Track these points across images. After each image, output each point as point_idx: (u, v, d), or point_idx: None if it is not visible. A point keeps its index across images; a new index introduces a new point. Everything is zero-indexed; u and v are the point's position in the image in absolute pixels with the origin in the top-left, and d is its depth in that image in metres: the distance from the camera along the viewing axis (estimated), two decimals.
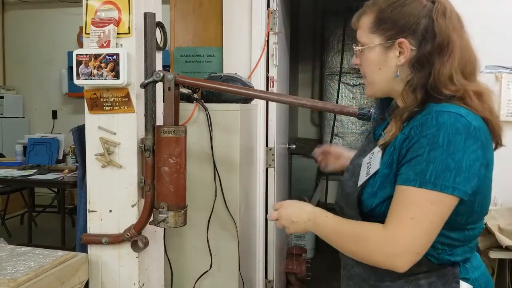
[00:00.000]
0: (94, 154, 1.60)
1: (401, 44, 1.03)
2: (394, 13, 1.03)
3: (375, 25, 1.07)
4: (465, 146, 0.94)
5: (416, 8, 1.02)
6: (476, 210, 1.02)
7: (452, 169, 0.93)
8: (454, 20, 1.03)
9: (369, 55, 1.09)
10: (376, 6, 1.08)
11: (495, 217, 2.29)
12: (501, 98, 2.55)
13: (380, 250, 0.97)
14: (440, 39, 1.00)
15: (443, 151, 0.93)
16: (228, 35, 2.76)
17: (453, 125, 0.94)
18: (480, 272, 1.08)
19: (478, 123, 0.98)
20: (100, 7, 1.54)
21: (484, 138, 0.98)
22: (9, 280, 1.27)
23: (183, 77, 1.56)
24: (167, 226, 1.52)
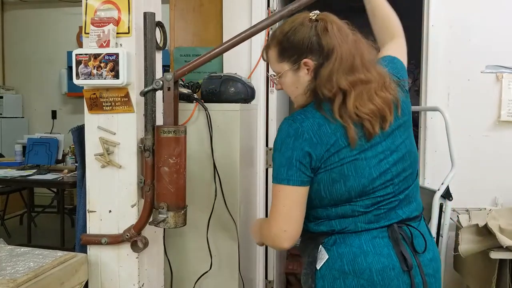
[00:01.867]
0: (93, 154, 1.59)
1: (306, 63, 1.24)
2: (290, 41, 1.24)
3: (280, 55, 1.28)
4: (294, 146, 1.18)
5: (305, 31, 1.23)
6: (324, 196, 1.23)
7: (284, 164, 1.19)
8: (335, 31, 1.22)
9: (285, 80, 1.30)
10: (274, 40, 1.29)
11: (496, 217, 2.29)
12: (502, 98, 2.55)
13: (267, 236, 1.28)
14: (326, 49, 1.21)
15: (278, 152, 1.21)
16: (228, 35, 2.76)
17: (286, 130, 1.21)
18: (348, 249, 1.24)
19: (310, 125, 1.19)
20: (99, 6, 1.54)
21: (314, 138, 1.18)
22: (9, 281, 1.27)
23: (180, 69, 1.55)
24: (167, 226, 1.52)
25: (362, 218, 1.25)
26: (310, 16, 1.26)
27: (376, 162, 1.22)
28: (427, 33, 2.59)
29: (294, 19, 1.27)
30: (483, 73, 2.57)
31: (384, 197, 1.24)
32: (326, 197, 1.24)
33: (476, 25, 2.57)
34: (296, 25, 1.25)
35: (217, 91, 2.24)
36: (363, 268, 1.22)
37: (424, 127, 2.63)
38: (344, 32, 1.24)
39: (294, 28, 1.24)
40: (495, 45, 2.55)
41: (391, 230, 1.24)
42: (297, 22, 1.25)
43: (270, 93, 2.83)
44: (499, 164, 2.57)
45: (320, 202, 1.26)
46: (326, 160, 1.19)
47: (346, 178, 1.21)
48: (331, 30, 1.22)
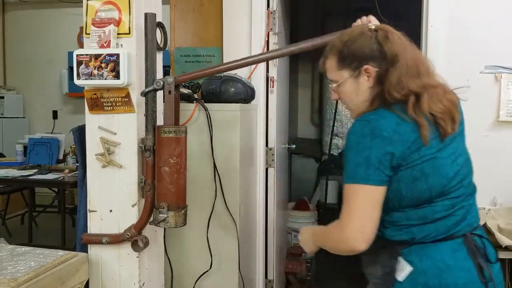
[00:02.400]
0: (94, 154, 1.60)
1: (366, 69, 1.25)
2: (351, 49, 1.27)
3: (340, 63, 1.30)
4: (371, 144, 1.16)
5: (365, 39, 1.26)
6: (405, 195, 1.20)
7: (362, 164, 1.17)
8: (396, 39, 1.26)
9: (344, 88, 1.31)
10: (333, 49, 1.31)
11: (494, 217, 2.29)
12: (501, 98, 2.55)
13: (338, 240, 1.22)
14: (390, 56, 1.23)
15: (353, 152, 1.19)
16: (228, 35, 2.76)
17: (360, 130, 1.20)
18: (431, 262, 1.21)
19: (388, 126, 1.18)
20: (100, 7, 1.54)
21: (396, 136, 1.17)
22: (10, 280, 1.28)
23: (181, 75, 1.57)
24: (167, 226, 1.53)
25: (442, 223, 1.22)
26: (369, 26, 1.29)
27: (450, 162, 1.25)
28: (427, 33, 2.59)
29: (352, 30, 1.31)
30: (482, 73, 2.57)
31: (459, 198, 1.25)
32: (407, 196, 1.21)
33: (475, 25, 2.57)
34: (355, 34, 1.28)
35: (217, 91, 2.25)
36: (448, 284, 1.20)
37: None
38: (404, 40, 1.27)
39: (353, 38, 1.27)
40: (494, 46, 2.55)
41: (467, 242, 1.24)
42: (356, 32, 1.29)
43: (270, 93, 2.84)
44: (498, 164, 2.57)
45: (399, 203, 1.22)
46: (407, 157, 1.18)
47: (426, 176, 1.20)
48: (392, 38, 1.25)
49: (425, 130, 1.18)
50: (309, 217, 4.06)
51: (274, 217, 2.86)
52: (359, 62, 1.25)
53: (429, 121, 1.20)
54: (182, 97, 2.01)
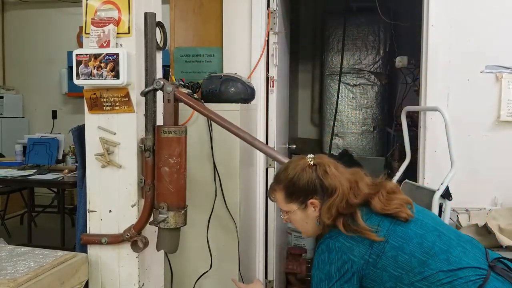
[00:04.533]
0: (94, 154, 1.60)
1: (312, 203, 1.40)
2: (295, 187, 1.41)
3: (287, 197, 1.44)
4: (329, 259, 1.30)
5: (307, 176, 1.40)
6: (402, 273, 1.26)
7: (324, 280, 1.30)
8: (333, 170, 1.40)
9: (295, 217, 1.45)
10: (280, 184, 1.45)
11: (495, 217, 2.29)
12: (501, 98, 2.55)
13: None
14: (329, 189, 1.37)
15: (316, 269, 1.33)
16: (228, 35, 2.76)
17: (320, 248, 1.35)
18: None
19: (336, 238, 1.32)
20: (100, 7, 1.54)
21: (348, 243, 1.30)
22: (9, 280, 1.27)
23: (181, 93, 1.57)
24: (167, 226, 1.52)
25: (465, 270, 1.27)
26: (308, 161, 1.42)
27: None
28: (427, 33, 2.59)
29: (296, 165, 1.43)
30: (482, 73, 2.56)
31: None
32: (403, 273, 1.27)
33: (476, 25, 2.57)
34: (298, 171, 1.40)
35: (217, 91, 2.24)
36: None
37: (424, 127, 2.63)
38: (340, 169, 1.42)
39: (297, 175, 1.40)
40: (495, 45, 2.55)
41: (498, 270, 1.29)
42: (298, 168, 1.41)
43: (270, 93, 2.83)
44: (499, 164, 2.57)
45: (402, 283, 1.26)
46: (373, 251, 1.29)
47: (395, 268, 1.30)
48: (331, 172, 1.39)
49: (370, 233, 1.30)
50: None
51: (274, 217, 2.86)
52: (304, 197, 1.40)
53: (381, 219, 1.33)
54: None
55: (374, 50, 4.70)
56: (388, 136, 4.73)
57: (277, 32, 2.79)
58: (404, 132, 2.63)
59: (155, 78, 1.55)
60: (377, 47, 4.69)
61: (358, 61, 4.74)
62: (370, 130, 4.76)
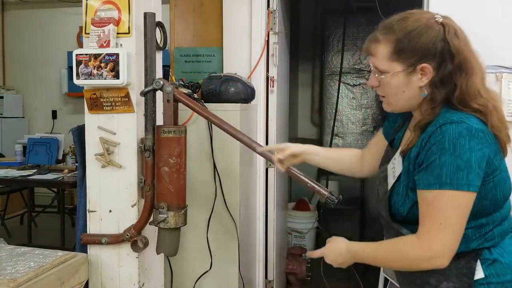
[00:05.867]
0: (94, 154, 1.60)
1: (423, 68, 1.12)
2: (412, 43, 1.12)
3: (395, 54, 1.14)
4: (470, 146, 1.05)
5: (431, 35, 1.11)
6: (499, 198, 1.13)
7: (463, 168, 1.04)
8: (464, 39, 1.14)
9: (391, 81, 1.16)
10: (391, 35, 1.15)
11: None
12: (501, 98, 2.55)
13: (420, 259, 1.09)
14: (458, 59, 1.11)
15: (451, 154, 1.04)
16: (228, 35, 2.76)
17: (455, 130, 1.06)
18: None
19: (480, 126, 1.08)
20: (100, 7, 1.54)
21: (489, 138, 1.09)
22: (9, 280, 1.27)
23: (180, 93, 1.57)
24: (167, 226, 1.52)
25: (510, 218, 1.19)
26: (436, 17, 1.15)
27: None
28: None
29: (418, 18, 1.15)
30: None
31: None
32: (501, 200, 1.14)
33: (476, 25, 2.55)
34: (421, 26, 1.12)
35: (217, 91, 2.24)
36: None
37: None
38: (469, 40, 1.17)
39: (419, 29, 1.12)
40: (495, 45, 2.55)
41: None
42: (422, 22, 1.13)
43: (270, 93, 2.83)
44: None
45: (494, 208, 1.14)
46: (496, 159, 1.11)
47: (507, 177, 1.16)
48: (462, 37, 1.14)
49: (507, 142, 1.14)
50: (309, 217, 4.06)
51: (274, 217, 2.86)
52: (417, 59, 1.11)
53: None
54: None
55: None
56: None
57: (277, 32, 2.79)
58: None
59: (154, 78, 1.55)
60: None
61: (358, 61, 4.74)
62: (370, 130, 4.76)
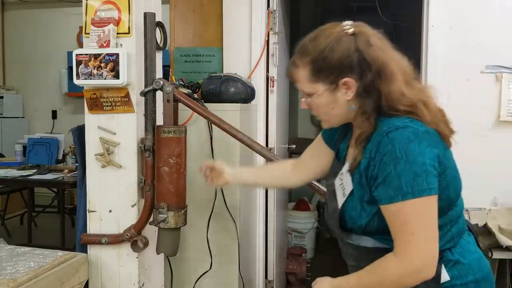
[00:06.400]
0: (94, 154, 1.60)
1: (345, 83, 1.09)
2: (327, 61, 1.09)
3: (313, 75, 1.12)
4: (421, 150, 1.02)
5: (343, 48, 1.08)
6: (453, 197, 1.11)
7: (421, 173, 1.01)
8: (378, 44, 1.10)
9: (319, 101, 1.14)
10: (306, 57, 1.13)
11: (495, 217, 2.29)
12: (501, 98, 2.55)
13: (404, 276, 1.04)
14: (376, 66, 1.07)
15: (405, 162, 1.01)
16: (228, 35, 2.76)
17: (403, 136, 1.03)
18: (473, 257, 1.14)
19: (425, 128, 1.06)
20: (100, 7, 1.54)
21: (435, 137, 1.07)
22: (9, 280, 1.27)
23: (180, 93, 1.57)
24: (167, 226, 1.52)
25: (463, 216, 1.18)
26: (345, 29, 1.10)
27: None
28: (427, 33, 2.59)
29: (329, 34, 1.11)
30: (483, 73, 2.56)
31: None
32: (454, 198, 1.12)
33: (476, 25, 2.57)
34: (332, 41, 1.09)
35: (217, 91, 2.24)
36: (488, 272, 1.16)
37: None
38: (385, 42, 1.12)
39: (330, 45, 1.09)
40: (495, 45, 2.55)
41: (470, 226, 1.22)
42: (333, 37, 1.10)
43: (270, 93, 2.83)
44: (499, 164, 2.56)
45: (449, 207, 1.11)
46: (445, 156, 1.08)
47: (456, 175, 1.14)
48: (375, 44, 1.09)
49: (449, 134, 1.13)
50: (309, 217, 4.06)
51: (274, 217, 2.86)
52: (336, 75, 1.09)
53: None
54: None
55: None
56: None
57: (277, 32, 2.79)
58: None
59: (154, 78, 1.55)
60: None
61: None
62: None
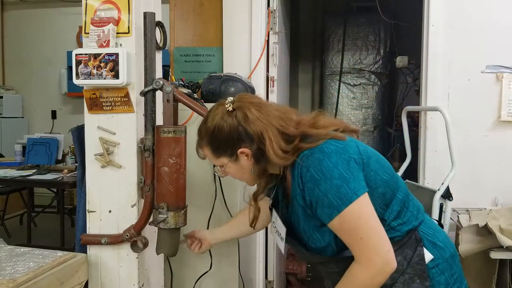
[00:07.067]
0: (93, 154, 1.59)
1: (242, 152, 1.26)
2: (219, 139, 1.27)
3: (215, 152, 1.31)
4: (333, 163, 1.14)
5: (228, 125, 1.25)
6: (386, 178, 1.22)
7: (341, 184, 1.12)
8: (255, 114, 1.23)
9: (230, 171, 1.33)
10: (203, 140, 1.32)
11: (496, 217, 2.28)
12: (502, 98, 2.55)
13: (373, 277, 1.14)
14: (255, 136, 1.22)
15: (325, 180, 1.13)
16: (228, 35, 2.76)
17: (313, 159, 1.16)
18: (443, 235, 1.29)
19: (327, 143, 1.19)
20: (99, 6, 1.53)
21: (339, 144, 1.19)
22: (8, 281, 1.27)
23: (180, 93, 1.56)
24: (167, 226, 1.52)
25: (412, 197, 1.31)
26: (226, 107, 1.26)
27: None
28: (427, 33, 2.59)
29: (214, 115, 1.28)
30: (483, 73, 2.56)
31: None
32: (388, 179, 1.22)
33: (476, 25, 2.56)
34: (217, 121, 1.26)
35: (217, 91, 2.24)
36: (453, 244, 1.30)
37: (424, 127, 2.63)
38: (265, 110, 1.25)
39: (217, 126, 1.26)
40: (495, 45, 2.55)
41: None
42: (217, 118, 1.26)
43: (270, 93, 2.83)
44: (499, 164, 2.56)
45: (390, 188, 1.22)
46: (363, 151, 1.21)
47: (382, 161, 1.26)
48: (252, 116, 1.23)
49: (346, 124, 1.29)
50: None
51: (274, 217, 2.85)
52: (232, 148, 1.26)
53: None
54: None
55: (374, 50, 4.70)
56: (388, 136, 4.73)
57: (277, 32, 2.79)
58: (404, 132, 2.63)
59: (154, 78, 1.54)
60: (378, 47, 4.68)
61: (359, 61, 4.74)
62: (371, 130, 4.75)
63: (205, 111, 1.66)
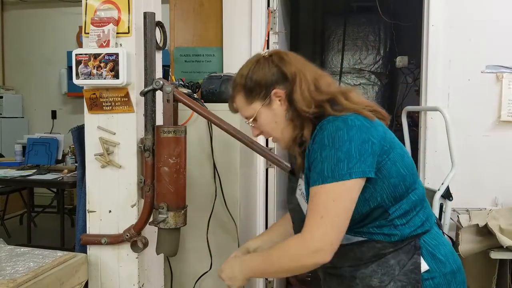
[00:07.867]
0: (93, 154, 1.59)
1: (275, 93, 1.22)
2: (253, 80, 1.24)
3: (248, 97, 1.26)
4: (349, 137, 1.09)
5: (263, 67, 1.24)
6: (406, 173, 1.17)
7: (343, 159, 1.08)
8: (292, 58, 1.25)
9: (261, 120, 1.27)
10: (237, 86, 1.28)
11: (496, 217, 2.28)
12: (502, 97, 2.55)
13: (301, 254, 1.10)
14: (290, 75, 1.21)
15: (331, 148, 1.09)
16: (228, 35, 2.76)
17: (332, 125, 1.12)
18: (447, 249, 1.21)
19: (354, 116, 1.14)
20: (99, 6, 1.53)
21: (367, 123, 1.14)
22: (8, 281, 1.27)
23: (180, 93, 1.56)
24: (167, 226, 1.51)
25: (428, 206, 1.25)
26: (262, 54, 1.28)
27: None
28: (427, 33, 2.59)
29: (248, 62, 1.29)
30: (483, 73, 2.56)
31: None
32: (407, 174, 1.17)
33: (476, 25, 2.57)
34: (253, 65, 1.26)
35: (217, 91, 2.24)
36: (460, 262, 1.24)
37: (424, 127, 2.63)
38: (300, 58, 1.27)
39: (252, 68, 1.25)
40: (495, 45, 2.55)
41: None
42: (252, 62, 1.27)
43: None
44: (499, 164, 2.57)
45: (405, 184, 1.16)
46: (386, 138, 1.15)
47: (403, 152, 1.20)
48: (288, 58, 1.24)
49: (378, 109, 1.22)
50: None
51: (274, 217, 2.86)
52: (266, 89, 1.23)
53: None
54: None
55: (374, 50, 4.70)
56: None
57: (277, 32, 2.79)
58: (404, 132, 2.63)
59: (154, 78, 1.54)
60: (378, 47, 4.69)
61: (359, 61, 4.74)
62: None
63: (205, 111, 1.66)
